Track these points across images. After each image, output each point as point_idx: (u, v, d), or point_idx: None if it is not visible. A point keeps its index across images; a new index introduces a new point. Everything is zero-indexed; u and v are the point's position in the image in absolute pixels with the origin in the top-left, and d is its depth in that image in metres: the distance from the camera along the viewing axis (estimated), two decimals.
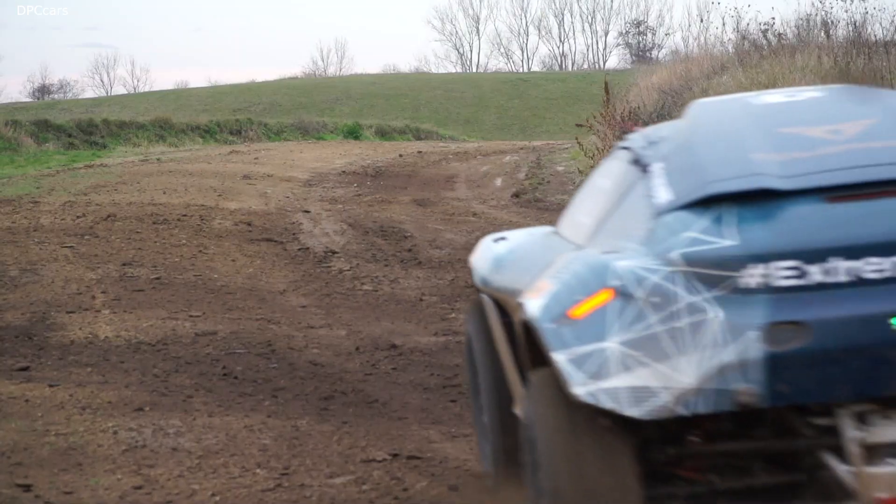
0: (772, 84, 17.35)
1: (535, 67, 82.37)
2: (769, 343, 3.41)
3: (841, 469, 3.56)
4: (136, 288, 9.74)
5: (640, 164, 4.09)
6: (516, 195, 17.01)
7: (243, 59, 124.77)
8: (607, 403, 3.43)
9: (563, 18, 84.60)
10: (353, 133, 39.05)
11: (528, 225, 8.48)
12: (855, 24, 19.13)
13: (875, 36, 18.46)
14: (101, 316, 8.61)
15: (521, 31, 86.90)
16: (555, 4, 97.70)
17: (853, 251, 3.47)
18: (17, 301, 9.06)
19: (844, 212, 3.58)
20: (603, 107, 19.98)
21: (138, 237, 12.37)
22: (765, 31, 21.08)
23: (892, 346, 3.43)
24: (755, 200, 3.62)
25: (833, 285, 3.46)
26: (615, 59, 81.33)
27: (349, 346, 7.95)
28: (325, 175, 20.09)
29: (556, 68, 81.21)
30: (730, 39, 23.43)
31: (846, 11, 19.54)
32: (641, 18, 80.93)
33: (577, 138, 20.84)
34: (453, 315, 8.91)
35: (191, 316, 8.72)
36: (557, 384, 3.54)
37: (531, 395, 3.81)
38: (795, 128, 4.04)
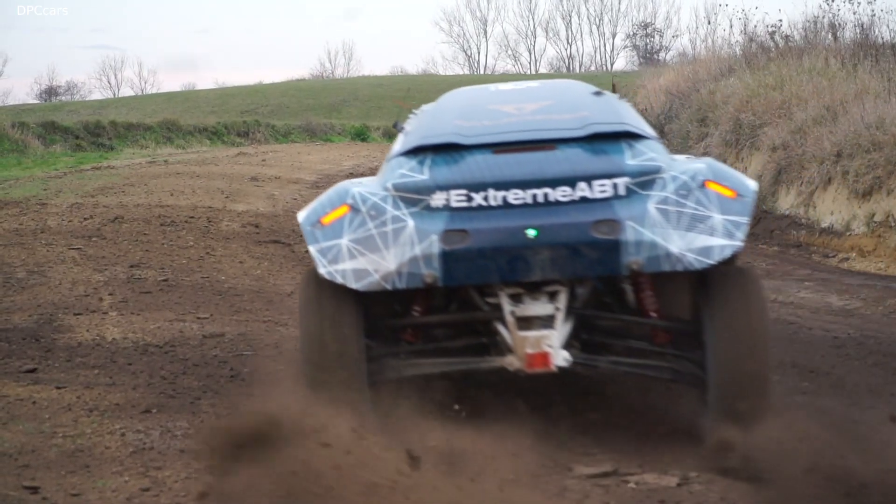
0: (779, 86, 17.32)
1: (543, 69, 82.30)
2: (444, 243, 5.23)
3: (504, 333, 5.48)
4: (143, 290, 9.75)
5: (400, 128, 6.31)
6: None
7: (251, 60, 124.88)
8: (339, 279, 5.31)
9: (570, 20, 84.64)
10: (361, 135, 39.08)
11: None
12: (862, 27, 19.13)
13: (882, 38, 18.44)
14: (108, 318, 8.61)
15: (529, 32, 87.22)
16: (562, 6, 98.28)
17: (503, 185, 5.27)
18: (24, 303, 9.07)
19: (503, 160, 5.40)
20: None
21: (146, 239, 12.38)
22: (772, 34, 21.03)
23: (527, 248, 5.18)
24: (447, 151, 5.52)
25: (488, 207, 5.27)
26: (623, 61, 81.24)
27: None
28: (332, 177, 20.09)
29: (564, 70, 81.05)
30: (737, 41, 23.43)
31: (854, 14, 19.52)
32: (649, 20, 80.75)
33: None
34: None
35: (198, 318, 8.72)
36: (313, 267, 5.40)
37: (303, 276, 5.70)
38: (497, 105, 6.01)
